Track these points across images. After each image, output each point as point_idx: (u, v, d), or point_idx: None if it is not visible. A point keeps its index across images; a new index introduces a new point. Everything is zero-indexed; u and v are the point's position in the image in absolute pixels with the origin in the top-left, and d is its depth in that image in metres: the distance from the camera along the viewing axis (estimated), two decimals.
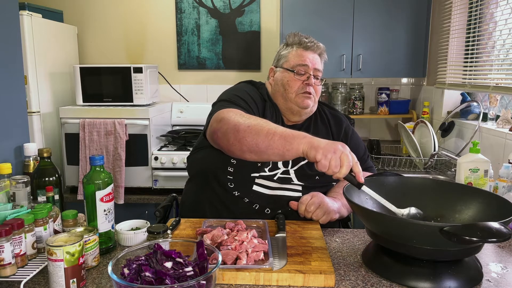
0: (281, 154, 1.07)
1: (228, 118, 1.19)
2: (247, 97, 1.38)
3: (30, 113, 2.40)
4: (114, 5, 3.08)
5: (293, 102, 1.41)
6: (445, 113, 2.70)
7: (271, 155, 1.09)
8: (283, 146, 1.05)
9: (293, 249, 1.07)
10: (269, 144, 1.07)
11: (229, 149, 1.18)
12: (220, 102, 1.36)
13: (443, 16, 2.68)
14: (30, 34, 2.37)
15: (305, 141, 1.03)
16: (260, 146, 1.08)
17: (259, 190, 1.36)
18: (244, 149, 1.12)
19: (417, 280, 0.92)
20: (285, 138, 1.05)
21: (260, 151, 1.09)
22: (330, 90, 3.06)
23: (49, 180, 1.24)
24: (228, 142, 1.16)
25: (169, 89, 3.11)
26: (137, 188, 2.54)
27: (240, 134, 1.12)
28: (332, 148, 0.99)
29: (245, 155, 1.14)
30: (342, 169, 0.98)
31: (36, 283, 0.95)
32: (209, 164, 1.40)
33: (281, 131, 1.08)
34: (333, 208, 1.28)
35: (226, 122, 1.18)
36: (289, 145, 1.04)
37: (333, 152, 0.98)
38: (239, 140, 1.12)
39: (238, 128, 1.13)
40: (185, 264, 0.81)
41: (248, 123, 1.13)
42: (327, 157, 0.98)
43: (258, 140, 1.09)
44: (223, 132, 1.18)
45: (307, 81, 1.41)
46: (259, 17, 3.04)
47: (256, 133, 1.09)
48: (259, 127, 1.10)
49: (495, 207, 1.01)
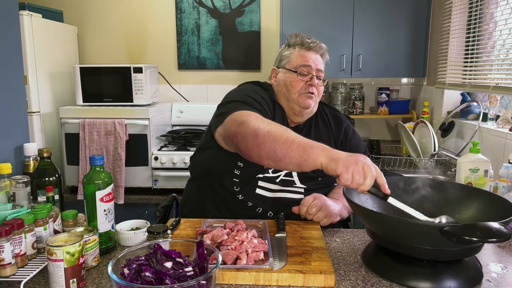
0: (298, 164, 1.03)
1: (249, 121, 1.16)
2: (259, 99, 1.36)
3: (30, 113, 2.40)
4: (114, 5, 3.08)
5: (295, 102, 1.41)
6: (445, 113, 2.70)
7: (288, 164, 1.06)
8: (300, 155, 1.02)
9: (293, 249, 1.07)
10: (286, 152, 1.04)
11: (248, 154, 1.16)
12: (232, 103, 1.31)
13: (443, 16, 2.68)
14: (30, 34, 2.37)
15: (324, 154, 0.99)
16: (277, 153, 1.06)
17: (261, 193, 1.36)
18: (262, 155, 1.09)
19: (417, 280, 0.92)
20: (303, 147, 1.02)
21: (277, 159, 1.07)
22: (330, 90, 3.06)
23: (49, 180, 1.24)
24: (247, 146, 1.14)
25: (169, 89, 3.11)
26: (137, 188, 2.54)
27: (259, 139, 1.09)
28: (354, 160, 0.95)
29: (263, 161, 1.12)
30: (366, 181, 0.94)
31: (36, 283, 0.95)
32: (214, 166, 1.38)
33: (300, 140, 1.04)
34: (334, 211, 1.27)
35: (246, 126, 1.15)
36: (307, 155, 1.01)
37: (355, 164, 0.94)
38: (257, 145, 1.10)
39: (257, 133, 1.10)
40: (185, 264, 0.81)
41: (268, 129, 1.10)
42: (349, 169, 0.94)
43: (276, 147, 1.06)
44: (243, 135, 1.15)
45: (310, 81, 1.41)
46: (259, 17, 3.04)
47: (274, 140, 1.07)
48: (279, 133, 1.08)
49: (495, 207, 1.01)
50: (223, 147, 1.33)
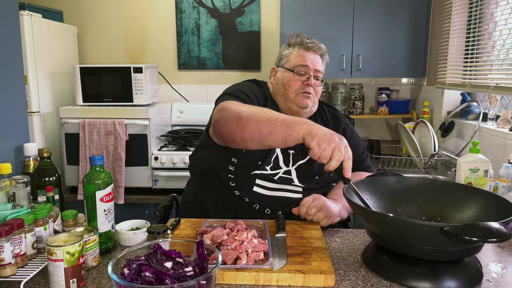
0: (283, 140, 1.08)
1: (230, 107, 1.20)
2: (250, 93, 1.39)
3: (30, 113, 2.40)
4: (114, 5, 3.08)
5: (293, 101, 1.42)
6: (445, 113, 2.70)
7: (273, 141, 1.10)
8: (285, 131, 1.06)
9: (293, 249, 1.07)
10: (271, 130, 1.08)
11: (231, 137, 1.18)
12: (223, 96, 1.36)
13: (443, 16, 2.68)
14: (30, 34, 2.37)
15: (305, 127, 1.04)
16: (262, 132, 1.09)
17: (259, 191, 1.36)
18: (246, 136, 1.13)
19: (417, 280, 0.92)
20: (287, 124, 1.07)
21: (262, 138, 1.10)
22: (330, 90, 3.06)
23: (49, 180, 1.24)
24: (230, 130, 1.16)
25: (169, 89, 3.11)
26: (137, 188, 2.54)
27: (242, 121, 1.13)
28: (327, 139, 1.00)
29: (247, 143, 1.15)
30: (331, 162, 1.00)
31: (36, 283, 0.95)
32: (211, 163, 1.40)
33: (283, 117, 1.09)
34: (334, 212, 1.28)
35: (228, 111, 1.19)
36: (291, 130, 1.05)
37: (327, 143, 0.99)
38: (241, 127, 1.13)
39: (240, 115, 1.14)
40: (185, 264, 0.81)
41: (250, 111, 1.14)
42: (320, 147, 1.00)
43: (260, 127, 1.10)
44: (225, 120, 1.18)
45: (307, 81, 1.42)
46: (259, 17, 3.04)
47: (258, 120, 1.10)
48: (262, 113, 1.12)
49: (495, 207, 1.01)
50: (217, 142, 1.35)
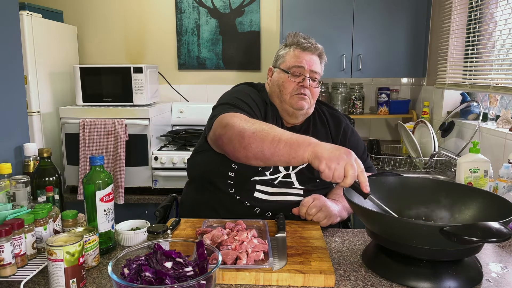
0: (287, 161, 1.06)
1: (233, 124, 1.16)
2: (249, 101, 1.36)
3: (30, 113, 2.40)
4: (114, 5, 3.08)
5: (288, 103, 1.40)
6: (445, 113, 2.70)
7: (277, 162, 1.08)
8: (288, 153, 1.04)
9: (293, 249, 1.07)
10: (274, 151, 1.06)
11: (235, 155, 1.16)
12: (222, 105, 1.32)
13: (443, 16, 2.68)
14: (30, 34, 2.37)
15: (309, 150, 1.01)
16: (265, 153, 1.07)
17: (260, 197, 1.35)
18: (249, 155, 1.11)
19: (417, 280, 0.92)
20: (290, 145, 1.04)
21: (265, 158, 1.08)
22: (330, 90, 3.06)
23: (49, 180, 1.24)
24: (233, 148, 1.14)
25: (169, 89, 3.11)
26: (137, 188, 2.54)
27: (245, 141, 1.10)
28: (335, 158, 0.97)
29: (251, 161, 1.13)
30: (346, 179, 0.97)
31: (36, 283, 0.95)
32: (209, 168, 1.38)
33: (286, 137, 1.06)
34: (334, 212, 1.27)
35: (231, 128, 1.16)
36: (294, 152, 1.03)
37: (337, 163, 0.97)
38: (244, 147, 1.10)
39: (243, 134, 1.11)
40: (185, 264, 0.81)
41: (253, 129, 1.11)
42: (330, 168, 0.97)
43: (263, 147, 1.07)
44: (228, 138, 1.16)
45: (302, 83, 1.39)
46: (259, 17, 3.04)
47: (261, 140, 1.08)
48: (265, 133, 1.08)
49: (495, 207, 1.01)
50: (216, 151, 1.33)
